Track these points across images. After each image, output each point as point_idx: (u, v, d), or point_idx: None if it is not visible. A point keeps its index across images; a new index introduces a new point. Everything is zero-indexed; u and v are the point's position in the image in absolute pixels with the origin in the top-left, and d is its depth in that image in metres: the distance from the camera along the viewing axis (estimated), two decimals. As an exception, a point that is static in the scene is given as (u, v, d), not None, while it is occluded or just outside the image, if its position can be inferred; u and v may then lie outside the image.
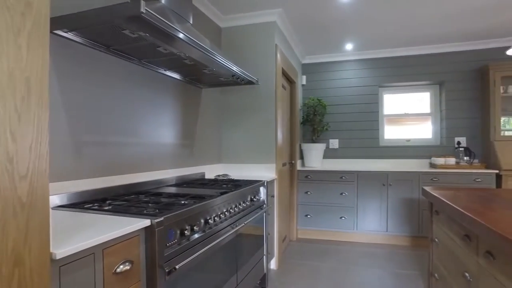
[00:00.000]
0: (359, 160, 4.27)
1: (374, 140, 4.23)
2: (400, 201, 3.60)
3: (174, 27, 1.41)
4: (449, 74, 3.98)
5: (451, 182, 3.46)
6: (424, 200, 3.52)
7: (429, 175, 3.52)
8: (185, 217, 1.39)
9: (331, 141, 4.39)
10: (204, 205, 1.56)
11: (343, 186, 3.77)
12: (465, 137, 3.91)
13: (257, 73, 3.04)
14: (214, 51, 1.83)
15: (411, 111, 4.31)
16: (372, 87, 4.25)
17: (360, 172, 3.71)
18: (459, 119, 3.95)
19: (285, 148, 3.62)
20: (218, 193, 1.82)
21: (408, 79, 4.12)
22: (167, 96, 2.33)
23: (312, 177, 3.87)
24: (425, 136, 4.24)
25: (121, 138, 1.86)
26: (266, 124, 3.02)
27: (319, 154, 4.09)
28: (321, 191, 3.84)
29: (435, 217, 2.25)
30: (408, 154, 4.11)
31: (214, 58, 1.87)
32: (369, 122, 4.25)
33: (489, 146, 3.65)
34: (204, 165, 2.85)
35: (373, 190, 3.67)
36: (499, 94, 3.59)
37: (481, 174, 3.41)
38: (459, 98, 3.95)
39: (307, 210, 3.90)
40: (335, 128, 4.38)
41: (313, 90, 4.46)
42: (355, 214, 3.73)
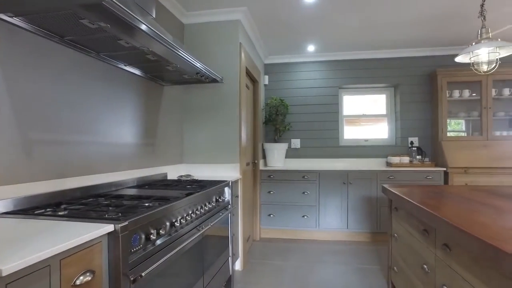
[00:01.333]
0: (320, 159, 4.37)
1: (334, 140, 4.36)
2: (359, 199, 3.74)
3: (138, 18, 1.33)
4: (403, 77, 4.22)
5: (405, 180, 3.66)
6: (382, 197, 3.69)
7: (386, 173, 3.70)
8: (150, 221, 1.31)
9: (293, 140, 4.45)
10: (170, 207, 1.49)
11: (305, 185, 3.83)
12: (417, 137, 4.17)
13: (221, 71, 2.99)
14: (178, 47, 1.75)
15: (369, 112, 4.50)
16: (332, 88, 4.37)
17: (322, 171, 3.80)
18: (412, 120, 4.19)
19: (248, 148, 3.60)
20: (184, 194, 1.75)
21: (367, 81, 4.30)
22: (127, 92, 2.20)
23: (275, 177, 3.89)
24: (382, 136, 4.45)
25: (76, 136, 1.71)
26: (230, 123, 2.98)
27: (281, 154, 4.12)
28: (284, 191, 3.87)
29: (394, 213, 2.35)
30: (366, 153, 4.29)
31: (178, 53, 1.79)
32: (330, 123, 4.37)
33: (438, 146, 3.92)
34: (166, 166, 2.73)
35: (334, 189, 3.78)
36: (446, 98, 3.87)
37: (431, 171, 3.64)
38: (412, 101, 4.20)
39: (270, 210, 3.91)
40: (297, 128, 4.45)
41: (276, 90, 4.49)
42: (317, 213, 3.81)
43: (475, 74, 3.79)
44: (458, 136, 3.91)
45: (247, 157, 3.48)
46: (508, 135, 3.82)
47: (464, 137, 3.88)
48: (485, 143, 3.75)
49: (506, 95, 3.83)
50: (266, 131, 4.50)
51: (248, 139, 3.56)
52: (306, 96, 4.42)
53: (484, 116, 3.80)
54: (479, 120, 3.87)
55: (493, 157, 3.64)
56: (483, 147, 3.73)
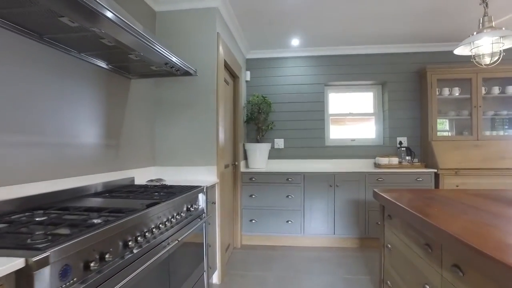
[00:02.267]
0: (305, 160, 4.14)
1: (320, 140, 4.13)
2: (347, 203, 3.52)
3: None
4: (391, 74, 4.03)
5: (395, 182, 3.47)
6: (371, 200, 3.48)
7: (374, 175, 3.49)
8: (93, 244, 1.02)
9: (276, 140, 4.20)
10: (123, 223, 1.20)
11: (289, 188, 3.59)
12: (406, 137, 3.99)
13: (196, 64, 2.70)
14: (137, 28, 1.46)
15: (355, 110, 4.30)
16: (317, 85, 4.14)
17: (307, 173, 3.56)
18: (400, 119, 4.01)
19: (227, 149, 3.33)
20: (144, 205, 1.46)
21: (353, 78, 4.09)
22: (86, 86, 1.88)
23: (257, 179, 3.63)
24: (369, 136, 4.26)
25: (17, 137, 1.40)
26: (206, 122, 2.70)
27: (264, 155, 3.87)
28: (267, 194, 3.62)
29: (387, 222, 2.13)
30: (353, 154, 4.09)
31: (139, 38, 1.50)
32: (315, 121, 4.14)
33: (427, 146, 3.75)
34: (134, 169, 2.43)
35: (320, 192, 3.55)
36: (435, 96, 3.70)
37: (421, 173, 3.46)
38: (400, 99, 4.02)
39: (252, 215, 3.64)
40: (280, 127, 4.20)
41: (258, 86, 4.23)
42: (302, 218, 3.57)
43: (465, 71, 3.64)
44: (448, 136, 3.75)
45: (226, 158, 3.21)
46: (498, 135, 3.69)
47: (454, 137, 3.72)
48: (476, 143, 3.60)
49: (495, 93, 3.69)
50: (247, 130, 4.23)
51: (227, 139, 3.28)
52: (290, 93, 4.18)
53: (474, 115, 3.65)
54: (469, 120, 3.72)
55: (483, 158, 3.49)
56: (473, 147, 3.58)
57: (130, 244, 1.24)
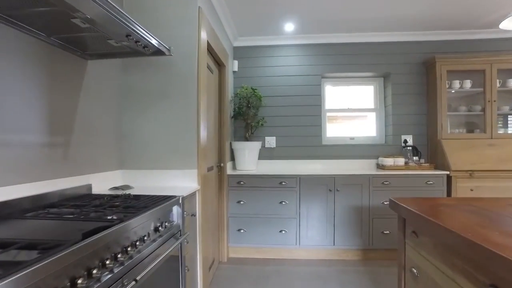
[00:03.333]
0: (299, 161, 3.69)
1: (316, 138, 3.69)
2: (348, 209, 3.09)
3: None
4: (395, 65, 3.62)
5: (403, 186, 3.06)
6: (376, 207, 3.06)
7: (379, 178, 3.07)
8: None
9: (267, 138, 3.74)
10: (25, 275, 0.71)
11: (282, 193, 3.13)
12: (411, 135, 3.59)
13: (173, 43, 2.21)
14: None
15: (354, 106, 3.89)
16: (313, 77, 3.70)
17: (303, 176, 3.12)
18: (405, 116, 3.61)
19: (211, 148, 2.84)
20: (80, 235, 0.97)
21: (353, 69, 3.67)
22: (18, 64, 1.37)
23: (246, 183, 3.16)
24: (369, 134, 3.85)
25: None
26: (185, 115, 2.21)
27: (253, 155, 3.40)
28: (257, 200, 3.15)
29: (411, 240, 1.69)
30: (353, 153, 3.66)
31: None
32: (311, 117, 3.70)
33: (436, 145, 3.36)
34: (93, 174, 1.92)
35: (318, 197, 3.11)
36: (445, 89, 3.32)
37: (432, 176, 3.06)
38: (405, 93, 3.62)
39: (240, 224, 3.18)
40: (272, 123, 3.74)
41: (247, 78, 3.76)
42: (297, 227, 3.12)
43: (479, 62, 3.26)
44: (459, 133, 3.37)
45: (209, 160, 2.72)
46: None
47: (466, 135, 3.34)
48: (490, 142, 3.23)
49: (511, 86, 3.33)
50: (235, 127, 3.75)
51: (211, 137, 2.80)
52: (283, 86, 3.73)
53: (488, 110, 3.28)
54: (482, 116, 3.35)
55: (499, 159, 3.12)
56: (487, 147, 3.21)
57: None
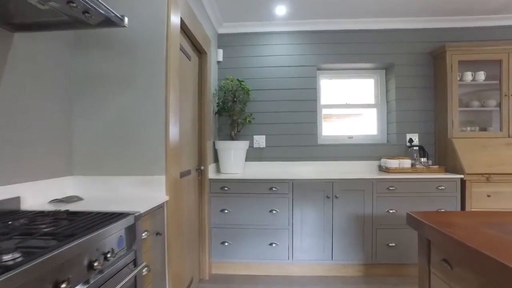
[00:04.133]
0: (293, 163, 3.27)
1: (311, 137, 3.28)
2: (349, 218, 2.68)
3: None
4: (399, 56, 3.23)
5: (411, 192, 2.66)
6: (380, 215, 2.66)
7: (384, 182, 2.67)
8: None
9: (256, 137, 3.31)
10: None
11: (273, 200, 2.71)
12: (417, 134, 3.21)
13: (139, 24, 1.77)
14: None
15: (353, 101, 3.49)
16: (308, 68, 3.29)
17: (296, 180, 2.70)
18: (410, 112, 3.22)
19: (188, 149, 2.41)
20: None
21: (351, 59, 3.26)
22: None
23: (231, 189, 2.73)
24: (370, 132, 3.46)
25: None
26: (151, 109, 1.77)
27: (240, 156, 2.97)
28: (243, 208, 2.73)
29: (441, 271, 1.28)
30: (352, 154, 3.26)
31: None
32: (305, 114, 3.28)
33: (446, 145, 2.98)
34: (27, 182, 1.47)
35: (314, 205, 2.70)
36: (456, 82, 2.94)
37: (444, 180, 2.67)
38: (410, 86, 3.23)
39: (224, 236, 2.74)
40: (261, 120, 3.32)
41: (232, 69, 3.33)
42: (290, 239, 2.71)
43: (494, 51, 2.89)
44: (472, 132, 2.99)
45: (184, 163, 2.29)
46: (533, 130, 2.97)
47: (480, 133, 2.96)
48: (508, 141, 2.86)
49: (530, 79, 2.97)
50: (219, 124, 3.32)
51: (189, 135, 2.37)
52: (274, 78, 3.31)
53: (505, 105, 2.91)
54: (498, 112, 2.98)
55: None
56: (505, 147, 2.83)
57: None
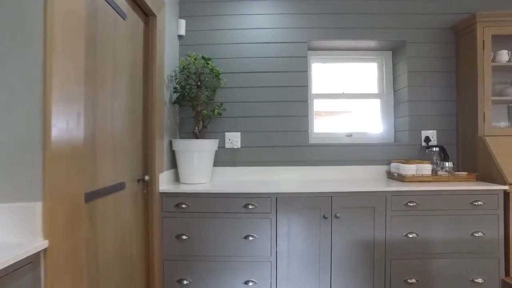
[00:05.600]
0: (277, 169, 2.52)
1: (300, 135, 2.53)
2: (353, 246, 1.95)
3: None
4: (411, 32, 2.54)
5: (437, 209, 1.96)
6: (395, 241, 1.94)
7: (401, 196, 1.96)
8: None
9: (228, 135, 2.54)
10: None
11: (250, 222, 1.95)
12: (435, 131, 2.52)
13: None
14: None
15: (350, 90, 2.78)
16: (297, 45, 2.54)
17: (282, 194, 1.95)
18: (425, 103, 2.53)
19: (122, 152, 1.61)
20: None
21: (350, 35, 2.54)
22: None
23: (192, 206, 1.95)
24: (372, 129, 2.76)
25: None
26: (16, 84, 0.97)
27: (206, 160, 2.20)
28: (209, 233, 1.95)
29: None
30: (351, 157, 2.54)
31: None
32: (293, 104, 2.54)
33: (476, 145, 2.30)
34: None
35: (307, 228, 1.95)
36: (489, 63, 2.27)
37: (481, 193, 1.99)
38: (425, 70, 2.53)
39: (181, 271, 1.96)
40: (235, 112, 2.55)
41: (199, 46, 2.54)
42: (274, 275, 1.95)
43: (534, 23, 2.24)
44: (508, 128, 2.32)
45: (105, 174, 1.49)
46: None
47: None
48: (554, 140, 2.22)
49: None
50: (180, 118, 2.53)
51: (119, 131, 1.57)
52: (253, 58, 2.54)
53: (548, 94, 2.27)
54: (538, 102, 2.33)
55: None
56: (551, 147, 2.19)
57: None
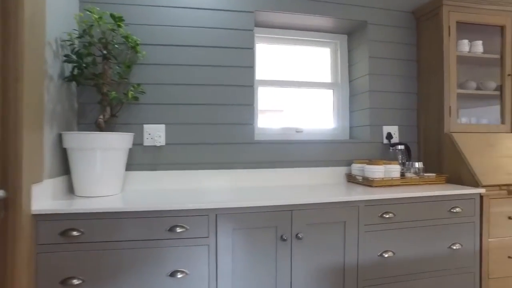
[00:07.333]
0: (213, 173, 1.94)
1: (245, 129, 2.00)
2: (320, 274, 1.49)
3: None
4: (373, 11, 2.19)
5: (416, 219, 1.60)
6: (370, 262, 1.53)
7: (376, 206, 1.55)
8: None
9: (148, 128, 1.87)
10: None
11: (179, 252, 1.35)
12: (397, 126, 2.21)
13: None
14: None
15: (299, 78, 2.35)
16: (240, 15, 2.01)
17: (223, 210, 1.39)
18: (387, 95, 2.21)
19: None
20: None
21: (304, 7, 2.09)
22: None
23: (88, 233, 1.28)
24: (325, 124, 2.37)
25: None
26: None
27: (114, 161, 1.54)
28: (115, 272, 1.30)
29: None
30: (304, 157, 2.09)
31: None
32: (234, 90, 1.99)
33: (442, 143, 2.04)
34: None
35: (259, 255, 1.43)
36: (455, 52, 2.03)
37: (460, 197, 1.69)
38: (387, 57, 2.22)
39: (70, 333, 1.27)
40: (157, 98, 1.90)
41: (109, 6, 1.84)
42: (213, 326, 1.38)
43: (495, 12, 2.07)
44: (474, 125, 2.10)
45: None
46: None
47: (483, 126, 2.10)
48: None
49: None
50: (80, 103, 1.80)
51: None
52: (183, 28, 1.93)
53: (508, 89, 2.11)
54: (499, 97, 2.16)
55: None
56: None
57: None
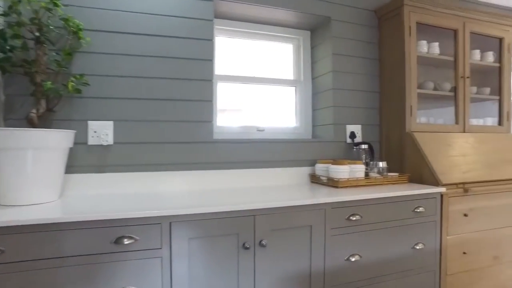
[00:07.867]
0: (167, 175, 1.75)
1: (203, 127, 1.83)
2: (284, 282, 1.38)
3: None
4: (337, 8, 2.14)
5: (382, 221, 1.56)
6: (337, 267, 1.45)
7: (342, 209, 1.48)
8: None
9: (93, 125, 1.64)
10: None
11: (127, 267, 1.17)
12: (360, 125, 2.18)
13: None
14: None
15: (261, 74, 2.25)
16: (200, 3, 1.85)
17: (178, 217, 1.23)
18: (351, 94, 2.17)
19: None
20: None
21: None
22: None
23: (11, 252, 1.05)
24: (285, 123, 2.29)
25: None
26: None
27: (51, 163, 1.31)
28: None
29: None
30: (266, 157, 1.97)
31: None
32: (194, 84, 1.82)
33: (403, 142, 2.04)
34: None
35: (218, 266, 1.28)
36: (415, 51, 2.04)
37: (422, 197, 1.68)
38: (351, 54, 2.18)
39: None
40: (104, 91, 1.67)
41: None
42: None
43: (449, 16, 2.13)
44: (432, 125, 2.12)
45: None
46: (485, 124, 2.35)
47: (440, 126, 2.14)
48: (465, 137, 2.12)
49: (489, 60, 2.32)
50: (8, 95, 1.52)
51: None
52: (136, 14, 1.73)
53: (461, 91, 2.17)
54: (453, 98, 2.22)
55: (488, 163, 2.02)
56: (465, 144, 2.08)
57: None
